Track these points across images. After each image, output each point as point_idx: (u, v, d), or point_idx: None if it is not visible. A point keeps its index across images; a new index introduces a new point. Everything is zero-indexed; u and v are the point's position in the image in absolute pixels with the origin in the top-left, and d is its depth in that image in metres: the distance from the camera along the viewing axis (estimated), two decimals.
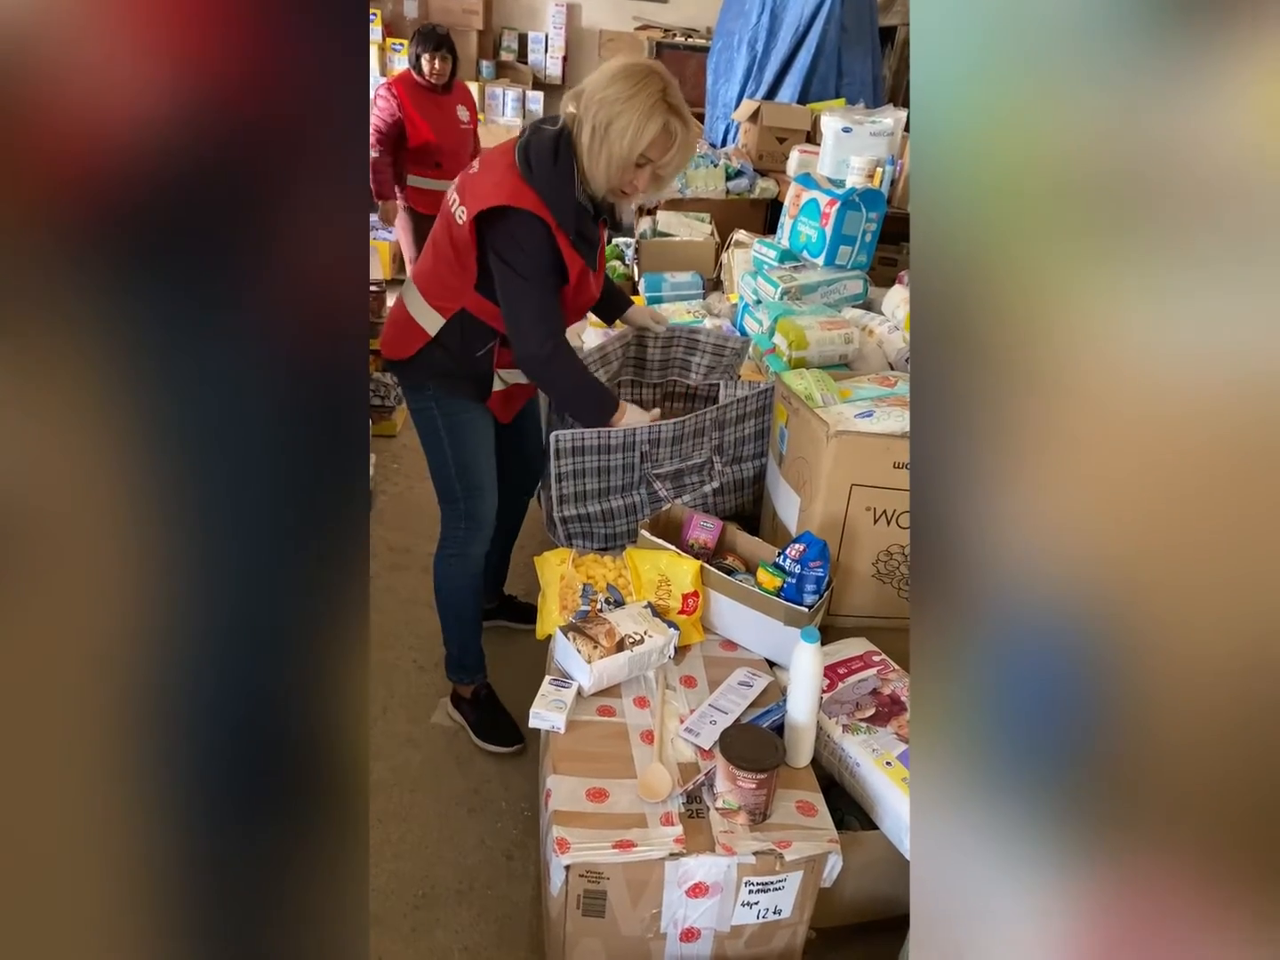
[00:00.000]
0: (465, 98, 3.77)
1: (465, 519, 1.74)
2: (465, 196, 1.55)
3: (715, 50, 4.42)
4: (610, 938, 1.22)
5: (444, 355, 1.63)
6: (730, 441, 1.94)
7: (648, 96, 1.43)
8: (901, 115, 3.13)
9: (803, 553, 1.48)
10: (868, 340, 2.26)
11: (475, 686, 1.89)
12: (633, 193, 1.55)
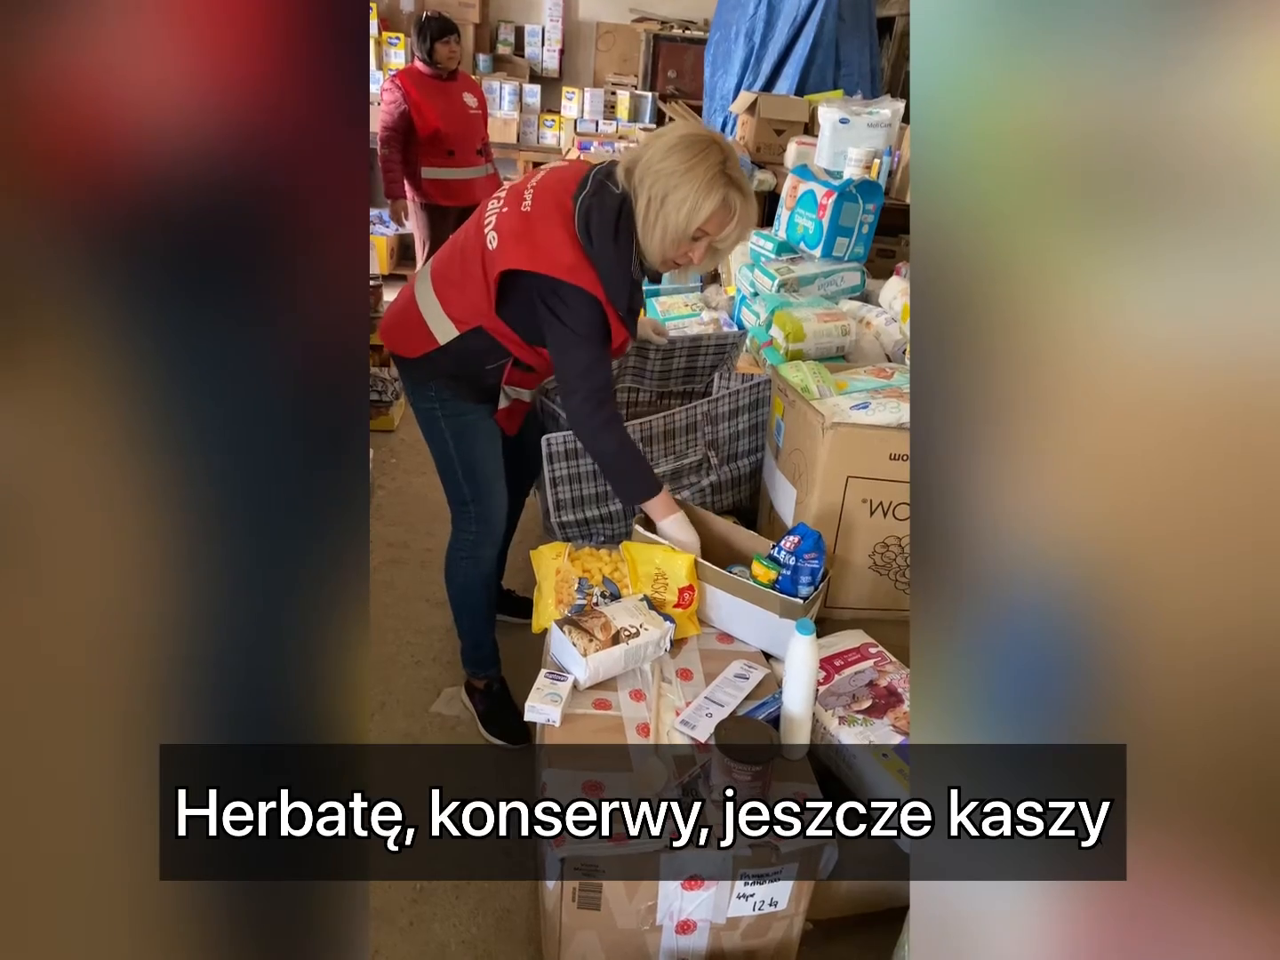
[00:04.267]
0: (471, 85, 3.77)
1: (476, 521, 1.73)
2: (509, 235, 1.48)
3: (713, 42, 4.40)
4: (606, 930, 1.22)
5: (452, 363, 1.60)
6: (725, 437, 1.94)
7: (707, 169, 1.38)
8: (899, 106, 3.11)
9: (797, 544, 1.47)
10: (865, 332, 2.25)
11: (489, 680, 1.90)
12: (686, 265, 1.51)
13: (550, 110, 5.44)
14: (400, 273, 5.07)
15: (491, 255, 1.49)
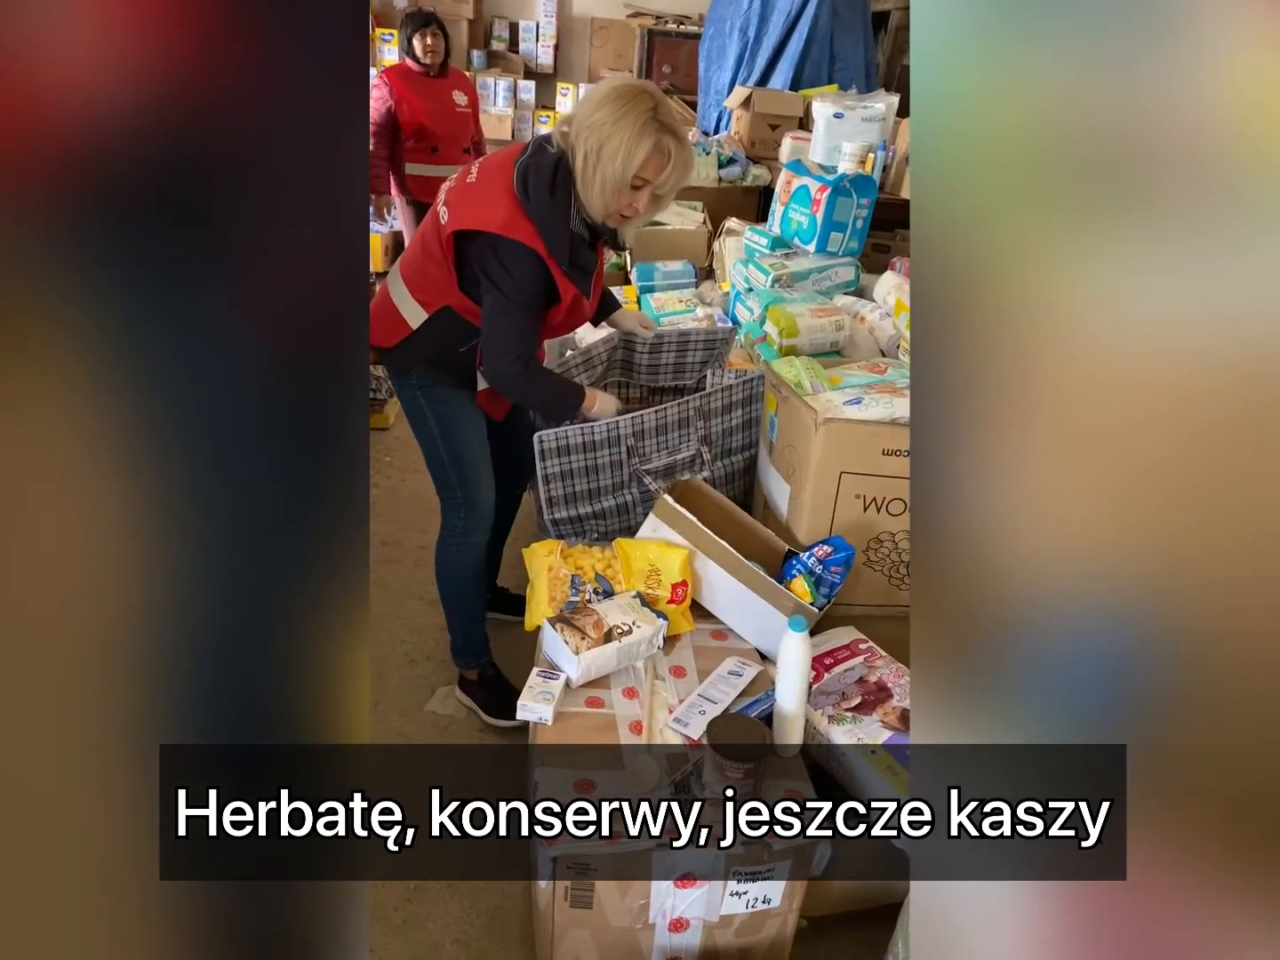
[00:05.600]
0: (461, 83, 3.75)
1: (464, 507, 1.74)
2: (455, 205, 1.52)
3: (707, 37, 4.39)
4: (599, 929, 1.21)
5: (427, 348, 1.62)
6: (718, 433, 1.93)
7: (637, 116, 1.40)
8: (893, 100, 3.10)
9: (829, 555, 1.48)
10: (859, 327, 2.25)
11: (481, 668, 1.90)
12: (632, 215, 1.52)
13: (545, 106, 5.43)
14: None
15: (444, 229, 1.52)
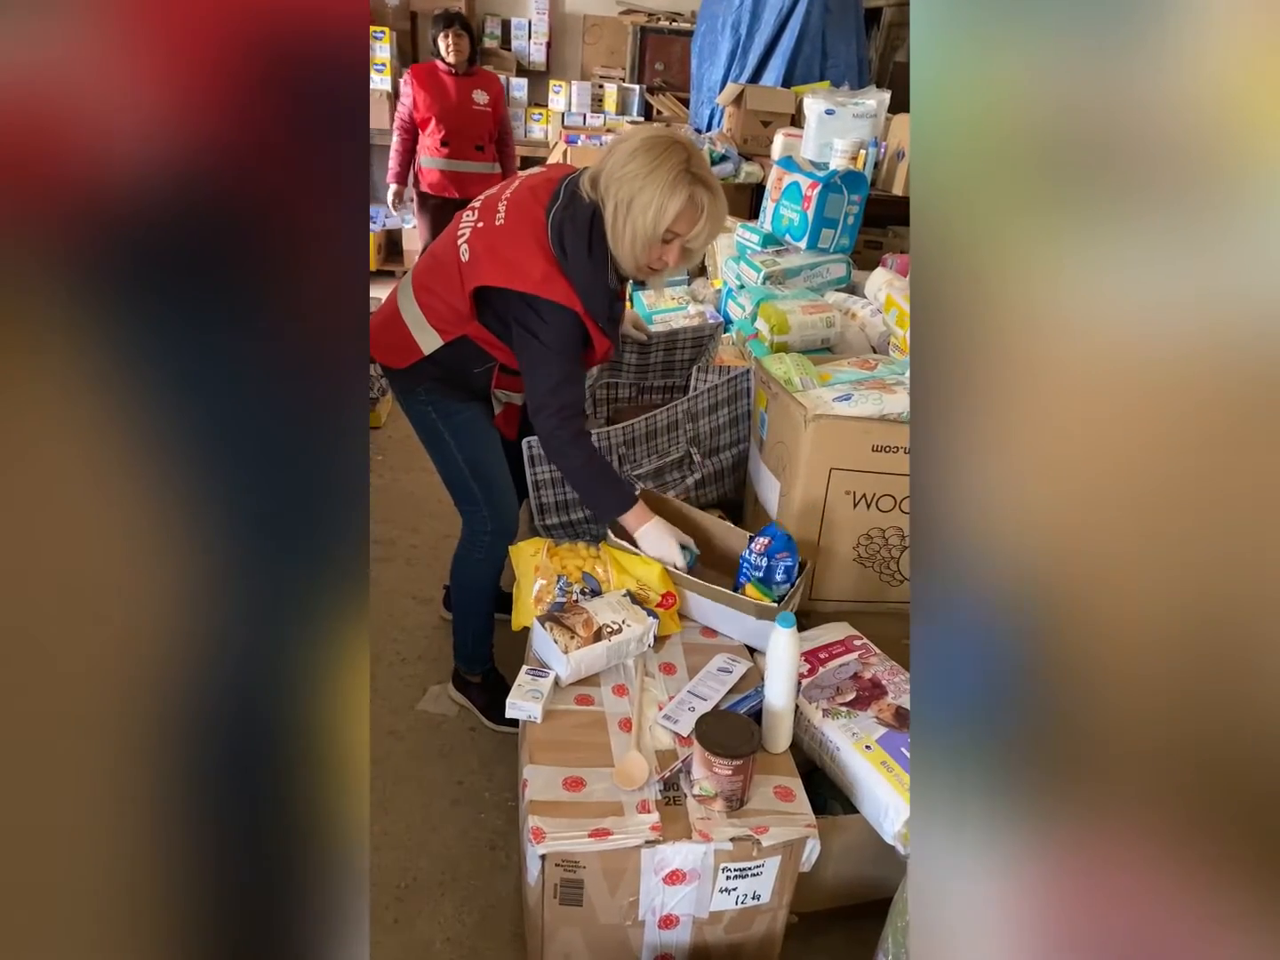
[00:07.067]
0: (485, 82, 3.83)
1: (491, 520, 1.70)
2: (483, 252, 1.47)
3: (699, 34, 4.38)
4: (589, 926, 1.21)
5: (439, 369, 1.60)
6: (706, 432, 1.93)
7: (670, 169, 1.37)
8: (885, 96, 3.10)
9: (768, 546, 1.47)
10: (850, 324, 2.25)
11: (485, 672, 1.90)
12: (662, 269, 1.49)
13: (537, 104, 5.42)
14: (387, 269, 5.04)
15: (466, 268, 1.48)
